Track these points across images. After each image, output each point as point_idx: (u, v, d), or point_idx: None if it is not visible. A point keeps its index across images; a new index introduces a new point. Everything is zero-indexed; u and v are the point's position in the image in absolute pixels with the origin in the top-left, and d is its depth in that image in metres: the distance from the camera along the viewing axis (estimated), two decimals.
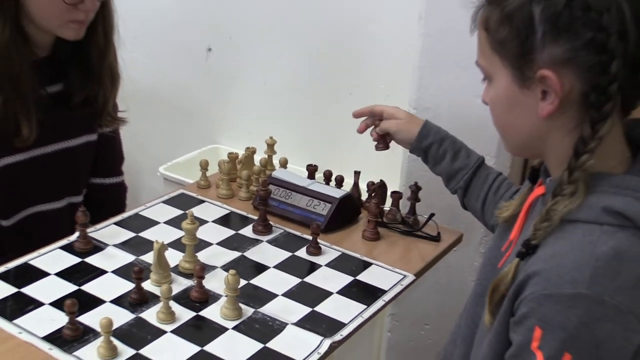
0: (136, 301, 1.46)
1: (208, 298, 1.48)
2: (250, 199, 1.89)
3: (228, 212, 1.85)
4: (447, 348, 1.45)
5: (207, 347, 1.35)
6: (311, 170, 1.93)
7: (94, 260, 1.60)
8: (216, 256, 1.65)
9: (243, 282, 1.52)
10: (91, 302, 1.46)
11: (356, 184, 1.91)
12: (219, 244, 1.71)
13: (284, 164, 1.99)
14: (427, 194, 1.86)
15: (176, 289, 1.50)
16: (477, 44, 1.20)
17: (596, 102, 1.05)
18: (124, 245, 1.67)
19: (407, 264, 1.67)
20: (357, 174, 1.93)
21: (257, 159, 2.00)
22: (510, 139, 1.23)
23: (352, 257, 1.69)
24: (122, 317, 1.42)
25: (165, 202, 1.88)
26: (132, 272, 1.45)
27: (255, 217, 1.79)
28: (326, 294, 1.54)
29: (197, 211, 1.81)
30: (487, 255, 1.39)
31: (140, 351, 1.32)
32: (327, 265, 1.65)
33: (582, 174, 1.06)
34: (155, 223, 1.78)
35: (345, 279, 1.60)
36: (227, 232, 1.76)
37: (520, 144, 1.23)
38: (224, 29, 2.65)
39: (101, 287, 1.51)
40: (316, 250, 1.68)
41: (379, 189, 1.82)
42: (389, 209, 1.83)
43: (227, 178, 1.91)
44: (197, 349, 1.34)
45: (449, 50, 1.96)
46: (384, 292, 1.56)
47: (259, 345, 1.36)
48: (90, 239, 1.65)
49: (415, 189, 1.81)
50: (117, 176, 2.04)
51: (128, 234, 1.72)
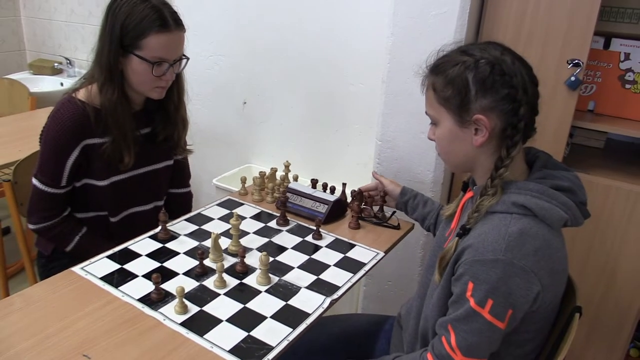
0: (200, 273, 1.38)
1: (248, 270, 1.41)
2: (274, 202, 1.81)
3: (259, 211, 1.77)
4: (409, 302, 1.43)
5: (248, 305, 1.28)
6: (313, 182, 1.87)
7: (171, 245, 1.52)
8: (252, 241, 1.57)
9: (271, 259, 1.45)
10: (170, 274, 1.39)
11: (343, 192, 1.84)
12: (254, 233, 1.62)
13: (296, 178, 1.92)
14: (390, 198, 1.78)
15: (226, 265, 1.43)
16: (425, 100, 1.19)
17: (510, 134, 1.08)
18: (191, 235, 1.59)
19: (379, 244, 1.60)
20: (344, 184, 1.86)
21: (278, 175, 1.93)
22: (452, 162, 1.21)
23: (342, 240, 1.61)
24: (190, 284, 1.34)
25: (218, 204, 1.80)
26: (197, 253, 1.38)
27: (278, 215, 1.71)
28: (326, 266, 1.47)
29: (239, 211, 1.75)
30: (436, 240, 1.35)
31: (203, 308, 1.26)
32: (326, 246, 1.57)
33: (499, 181, 1.09)
34: (212, 219, 1.69)
35: (339, 256, 1.52)
36: (259, 225, 1.67)
37: (459, 165, 1.21)
38: (255, 89, 2.61)
39: (176, 264, 1.43)
40: (319, 236, 1.61)
41: (358, 194, 1.75)
42: (365, 208, 1.75)
43: (259, 188, 1.84)
44: (241, 306, 1.27)
45: (402, 103, 1.91)
46: (364, 264, 1.49)
47: (282, 303, 1.29)
48: (169, 231, 1.58)
49: (383, 194, 1.74)
50: (186, 187, 1.96)
51: (194, 227, 1.63)
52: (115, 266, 1.40)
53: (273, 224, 1.68)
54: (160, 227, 1.56)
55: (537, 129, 1.76)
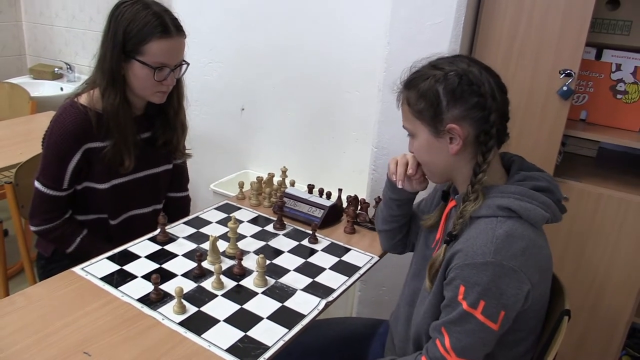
0: (198, 275, 1.42)
1: (245, 272, 1.44)
2: (271, 207, 1.85)
3: (257, 215, 1.81)
4: (396, 309, 1.46)
5: (245, 306, 1.31)
6: (310, 187, 1.91)
7: (170, 247, 1.55)
8: (250, 244, 1.61)
9: (267, 262, 1.48)
10: (168, 275, 1.42)
11: (339, 197, 1.88)
12: (252, 236, 1.66)
13: (292, 184, 1.96)
14: None
15: (224, 267, 1.46)
16: (402, 114, 1.25)
17: (484, 141, 1.13)
18: (190, 237, 1.62)
19: (373, 249, 1.63)
20: (340, 190, 1.89)
21: (275, 180, 1.96)
22: (433, 171, 1.26)
23: (338, 244, 1.65)
24: (188, 285, 1.38)
25: (216, 208, 1.83)
26: (195, 255, 1.41)
27: (275, 219, 1.75)
28: (322, 269, 1.50)
29: (236, 215, 1.78)
30: (419, 250, 1.39)
31: (201, 308, 1.29)
32: (322, 250, 1.61)
33: (479, 186, 1.14)
34: (210, 222, 1.73)
35: (334, 259, 1.56)
36: (256, 229, 1.71)
37: (440, 174, 1.25)
38: (252, 96, 2.63)
39: (175, 266, 1.47)
40: (315, 240, 1.64)
41: (354, 200, 1.79)
42: (360, 213, 1.78)
43: (256, 193, 1.88)
44: (238, 306, 1.30)
45: (398, 111, 1.90)
46: (359, 268, 1.53)
47: (279, 304, 1.32)
48: (168, 233, 1.61)
49: (378, 200, 1.77)
50: (185, 191, 1.99)
51: (192, 230, 1.67)
52: (115, 267, 1.43)
53: (270, 227, 1.72)
54: (159, 230, 1.59)
55: (530, 137, 1.83)
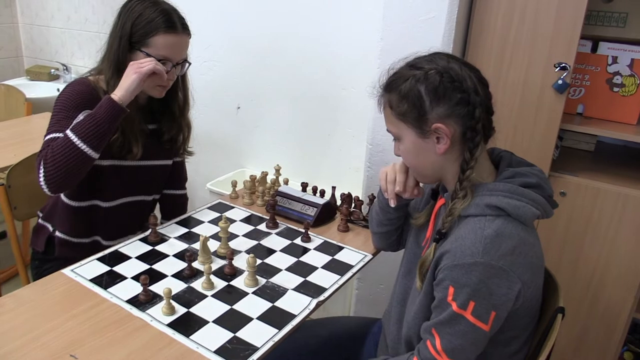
0: (188, 275, 1.41)
1: (236, 272, 1.43)
2: (264, 206, 1.84)
3: (250, 214, 1.80)
4: (387, 308, 1.45)
5: (235, 306, 1.30)
6: (304, 185, 1.89)
7: (161, 247, 1.55)
8: (242, 244, 1.60)
9: (259, 261, 1.48)
10: (158, 276, 1.41)
11: (333, 195, 1.87)
12: (244, 235, 1.65)
13: (286, 182, 1.95)
14: None
15: (215, 266, 1.45)
16: (384, 118, 1.22)
17: (470, 137, 1.11)
18: (181, 238, 1.61)
19: (367, 247, 1.62)
20: (333, 188, 1.88)
21: (269, 178, 1.95)
22: (421, 172, 1.24)
23: (331, 243, 1.64)
24: (178, 286, 1.37)
25: (209, 207, 1.83)
26: (185, 256, 1.40)
27: (268, 218, 1.73)
28: (314, 268, 1.49)
29: (229, 214, 1.77)
30: (410, 248, 1.37)
31: (190, 309, 1.28)
32: (315, 249, 1.60)
33: (468, 183, 1.11)
34: (202, 222, 1.72)
35: (327, 258, 1.54)
36: (249, 228, 1.70)
37: (428, 175, 1.23)
38: (248, 94, 2.62)
39: (165, 266, 1.46)
40: (307, 238, 1.63)
41: (347, 198, 1.78)
42: (354, 210, 1.77)
43: (249, 192, 1.87)
44: (228, 307, 1.29)
45: None
46: (352, 266, 1.51)
47: (269, 304, 1.31)
48: (159, 233, 1.60)
49: (372, 197, 1.77)
50: (182, 189, 1.99)
51: (184, 230, 1.66)
52: (104, 268, 1.42)
53: (263, 227, 1.70)
54: (150, 230, 1.58)
55: (525, 132, 1.81)
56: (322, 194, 1.85)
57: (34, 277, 1.73)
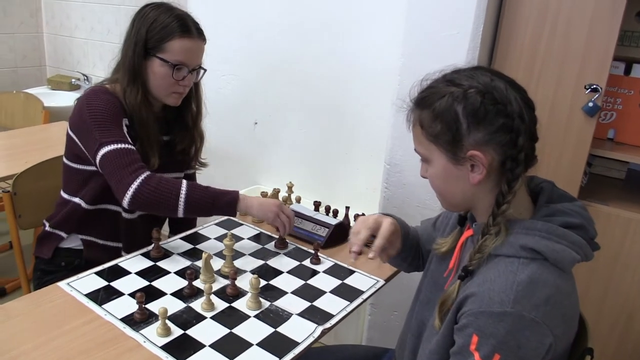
0: (188, 294, 1.33)
1: (239, 294, 1.35)
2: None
3: (258, 232, 1.72)
4: (401, 337, 1.33)
5: (234, 330, 1.22)
6: (316, 204, 1.82)
7: (162, 264, 1.48)
8: (248, 263, 1.52)
9: (264, 283, 1.40)
10: (157, 293, 1.34)
11: (346, 215, 1.79)
12: (250, 254, 1.57)
13: (298, 200, 1.87)
14: None
15: (217, 286, 1.38)
16: (413, 137, 1.08)
17: (510, 168, 0.97)
18: (184, 254, 1.54)
19: (380, 272, 1.52)
20: (347, 208, 1.80)
21: (281, 196, 1.88)
22: (447, 200, 1.10)
23: (341, 266, 1.55)
24: (177, 305, 1.29)
25: (216, 224, 1.76)
26: (186, 273, 1.33)
27: (277, 237, 1.66)
28: (322, 292, 1.40)
29: (237, 231, 1.70)
30: (431, 275, 1.24)
31: (186, 331, 1.20)
32: (324, 272, 1.51)
33: (502, 218, 0.98)
34: (208, 239, 1.65)
35: (336, 282, 1.46)
36: (257, 247, 1.62)
37: (455, 204, 1.10)
38: (266, 109, 2.57)
39: (165, 284, 1.38)
40: (317, 260, 1.55)
41: None
42: None
43: None
44: (227, 330, 1.21)
45: None
46: (362, 292, 1.42)
47: (271, 330, 1.23)
48: (162, 248, 1.53)
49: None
50: None
51: (189, 246, 1.59)
52: (102, 283, 1.36)
53: (271, 246, 1.63)
54: (152, 245, 1.52)
55: (552, 156, 1.71)
56: (335, 214, 1.77)
57: (35, 288, 1.67)
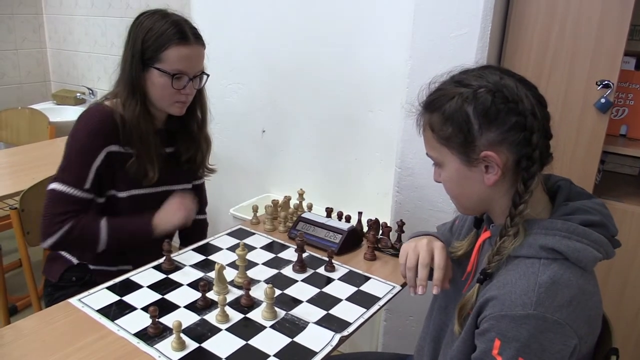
0: (202, 307, 1.30)
1: (253, 304, 1.32)
2: (286, 232, 1.73)
3: (271, 241, 1.69)
4: (420, 343, 1.29)
5: (251, 341, 1.18)
6: (328, 211, 1.78)
7: (175, 276, 1.45)
8: (261, 273, 1.49)
9: (278, 292, 1.37)
10: (171, 307, 1.31)
11: (359, 221, 1.76)
12: (264, 264, 1.54)
13: (310, 207, 1.84)
14: (409, 227, 1.69)
15: (231, 297, 1.35)
16: (424, 141, 1.06)
17: (526, 166, 0.95)
18: (197, 266, 1.51)
19: (395, 277, 1.49)
20: (360, 213, 1.77)
21: (292, 203, 1.85)
22: (463, 204, 1.08)
23: (356, 273, 1.51)
24: (191, 318, 1.26)
25: (228, 234, 1.73)
26: (199, 285, 1.30)
27: (290, 246, 1.63)
28: (338, 300, 1.37)
29: (250, 241, 1.67)
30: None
31: (202, 344, 1.17)
32: (339, 279, 1.48)
33: (520, 219, 0.96)
34: (220, 249, 1.62)
35: (352, 289, 1.42)
36: (270, 256, 1.59)
37: (471, 207, 1.08)
38: (274, 117, 2.56)
39: (178, 296, 1.35)
40: (331, 268, 1.52)
41: (374, 224, 1.67)
42: (381, 238, 1.65)
43: (271, 217, 1.77)
44: (243, 342, 1.18)
45: None
46: (379, 298, 1.39)
47: (288, 340, 1.19)
48: (173, 261, 1.50)
49: (401, 224, 1.65)
50: (202, 214, 1.90)
51: (200, 257, 1.56)
52: (114, 298, 1.33)
53: (284, 254, 1.59)
54: (164, 257, 1.49)
55: (565, 154, 1.68)
56: (348, 219, 1.74)
57: (46, 305, 1.65)
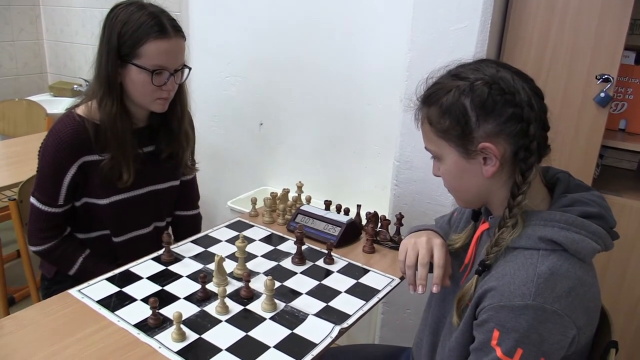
0: (201, 298, 1.30)
1: (253, 296, 1.32)
2: (285, 224, 1.73)
3: (270, 233, 1.69)
4: (418, 336, 1.30)
5: (250, 333, 1.18)
6: (327, 204, 1.78)
7: (174, 268, 1.44)
8: (260, 265, 1.49)
9: (278, 284, 1.37)
10: (170, 298, 1.31)
11: (358, 214, 1.75)
12: (263, 256, 1.54)
13: (308, 200, 1.84)
14: (408, 221, 1.69)
15: (231, 289, 1.34)
16: (422, 135, 1.07)
17: (524, 158, 0.96)
18: (196, 257, 1.51)
19: (394, 270, 1.49)
20: (358, 206, 1.77)
21: (291, 196, 1.85)
22: (462, 197, 1.09)
23: (355, 265, 1.51)
24: (191, 309, 1.26)
25: (227, 226, 1.72)
26: (199, 277, 1.30)
27: (289, 238, 1.63)
28: (337, 292, 1.37)
29: (248, 233, 1.67)
30: None
31: (202, 335, 1.17)
32: (338, 271, 1.48)
33: (518, 210, 0.97)
34: (219, 241, 1.62)
35: (351, 282, 1.42)
36: (269, 248, 1.59)
37: (470, 200, 1.08)
38: (271, 110, 2.55)
39: (178, 288, 1.35)
40: (330, 260, 1.51)
41: (373, 217, 1.67)
42: (380, 230, 1.65)
43: (269, 210, 1.77)
44: (243, 334, 1.18)
45: None
46: (378, 291, 1.39)
47: (288, 331, 1.19)
48: (173, 252, 1.50)
49: (400, 217, 1.65)
50: (194, 209, 1.88)
51: (199, 249, 1.56)
52: (114, 289, 1.33)
53: (283, 247, 1.59)
54: (163, 249, 1.49)
55: (564, 148, 1.68)
56: (347, 212, 1.74)
57: (43, 298, 1.65)
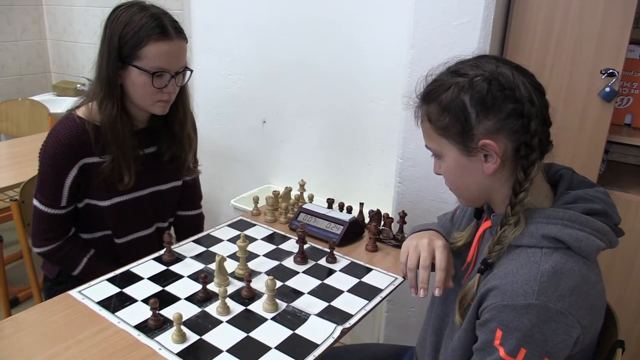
0: (202, 299, 1.29)
1: (254, 296, 1.31)
2: (287, 223, 1.72)
3: (272, 232, 1.67)
4: (422, 335, 1.29)
5: (252, 334, 1.17)
6: (329, 202, 1.77)
7: (175, 268, 1.43)
8: (262, 264, 1.47)
9: (279, 284, 1.35)
10: (171, 299, 1.30)
11: (361, 212, 1.74)
12: (265, 255, 1.53)
13: (311, 198, 1.83)
14: (411, 218, 1.68)
15: (232, 289, 1.33)
16: (422, 133, 1.05)
17: (525, 154, 0.94)
18: (197, 257, 1.50)
19: (397, 268, 1.47)
20: (361, 204, 1.75)
21: (293, 194, 1.83)
22: (464, 195, 1.07)
23: (358, 264, 1.50)
24: (191, 310, 1.25)
25: (229, 225, 1.71)
26: (200, 277, 1.29)
27: (291, 237, 1.61)
28: (339, 292, 1.35)
29: (250, 232, 1.66)
30: None
31: (202, 337, 1.16)
32: (341, 270, 1.46)
33: (520, 207, 0.95)
34: (221, 240, 1.60)
35: (353, 281, 1.41)
36: (271, 247, 1.58)
37: (472, 198, 1.07)
38: (274, 108, 2.54)
39: (179, 288, 1.34)
40: (333, 259, 1.50)
41: (376, 215, 1.65)
42: (383, 229, 1.64)
43: (272, 208, 1.76)
44: (244, 334, 1.17)
45: None
46: (381, 290, 1.38)
47: (290, 332, 1.18)
48: (174, 252, 1.49)
49: (403, 214, 1.64)
50: (197, 209, 1.87)
51: (201, 249, 1.55)
52: (114, 290, 1.32)
53: (285, 246, 1.58)
54: (164, 249, 1.48)
55: (569, 144, 1.66)
56: (349, 210, 1.73)
57: (45, 298, 1.64)
